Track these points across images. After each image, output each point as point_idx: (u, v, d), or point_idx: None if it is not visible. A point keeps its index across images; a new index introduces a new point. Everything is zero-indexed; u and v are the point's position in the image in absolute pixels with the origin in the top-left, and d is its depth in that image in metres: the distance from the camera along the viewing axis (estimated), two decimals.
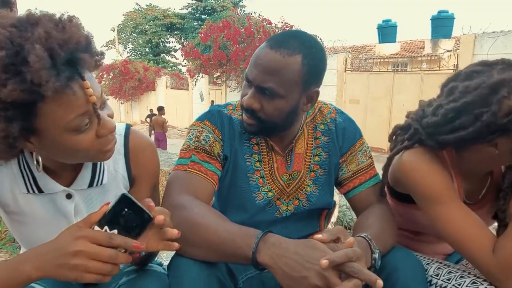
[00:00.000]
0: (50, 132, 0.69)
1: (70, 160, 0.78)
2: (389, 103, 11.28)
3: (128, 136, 0.92)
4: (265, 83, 0.92)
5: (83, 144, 0.72)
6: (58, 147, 0.72)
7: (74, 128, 0.69)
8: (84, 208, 0.88)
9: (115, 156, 0.90)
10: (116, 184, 0.92)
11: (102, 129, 0.74)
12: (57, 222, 0.86)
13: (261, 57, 0.93)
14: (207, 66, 15.88)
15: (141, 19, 28.58)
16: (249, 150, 1.06)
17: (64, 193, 0.86)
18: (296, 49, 0.91)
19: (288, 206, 1.09)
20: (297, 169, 1.08)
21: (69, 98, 0.66)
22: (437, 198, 0.91)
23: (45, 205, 0.86)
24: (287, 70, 0.91)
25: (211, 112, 1.08)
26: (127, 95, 21.62)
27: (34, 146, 0.72)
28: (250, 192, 1.06)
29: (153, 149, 0.96)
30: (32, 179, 0.83)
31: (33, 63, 0.60)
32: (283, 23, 15.00)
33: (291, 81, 0.92)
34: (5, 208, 0.86)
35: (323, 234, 0.76)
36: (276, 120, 0.97)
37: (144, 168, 0.93)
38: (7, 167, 0.82)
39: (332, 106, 1.17)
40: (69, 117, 0.68)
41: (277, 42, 0.93)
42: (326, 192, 1.12)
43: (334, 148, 1.10)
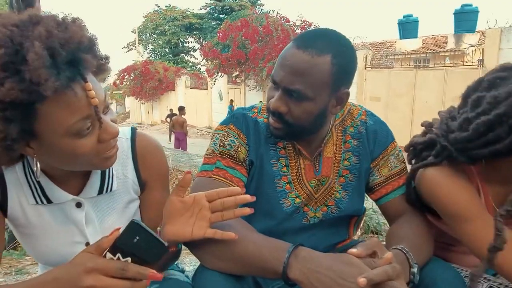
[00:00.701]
0: (50, 136, 0.66)
1: (70, 166, 0.74)
2: (411, 100, 11.02)
3: (135, 139, 0.89)
4: (292, 85, 0.88)
5: (83, 149, 0.69)
6: (58, 152, 0.69)
7: (75, 132, 0.66)
8: (95, 216, 0.86)
9: (123, 160, 0.88)
10: (126, 189, 0.89)
11: (104, 133, 0.71)
12: (68, 233, 0.84)
13: (287, 58, 0.89)
14: (226, 66, 15.91)
15: (161, 20, 28.91)
16: (275, 154, 1.02)
17: (74, 202, 0.83)
18: (325, 48, 0.87)
19: (316, 213, 1.05)
20: (325, 174, 1.04)
21: (70, 100, 0.63)
22: (463, 215, 0.87)
23: (55, 216, 0.83)
24: (316, 71, 0.87)
25: (235, 115, 1.05)
26: (147, 96, 21.91)
27: (34, 151, 0.69)
28: (277, 198, 1.02)
29: (161, 150, 0.93)
30: (40, 190, 0.80)
31: (31, 61, 0.58)
32: (302, 20, 14.88)
33: (320, 82, 0.88)
34: (15, 221, 0.83)
35: (358, 248, 0.71)
36: (304, 123, 0.93)
37: (154, 171, 0.91)
38: (14, 179, 0.79)
39: (362, 107, 1.11)
40: (70, 120, 0.65)
41: (304, 41, 0.89)
42: (356, 198, 1.07)
43: (365, 152, 1.05)
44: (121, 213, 0.89)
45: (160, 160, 0.92)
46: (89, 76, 0.67)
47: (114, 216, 0.88)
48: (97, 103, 0.67)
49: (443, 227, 1.00)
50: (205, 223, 0.75)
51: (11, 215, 0.82)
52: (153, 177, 0.91)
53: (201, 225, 0.75)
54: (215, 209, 0.76)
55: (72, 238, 0.84)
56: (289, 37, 13.97)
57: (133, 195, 0.90)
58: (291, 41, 0.92)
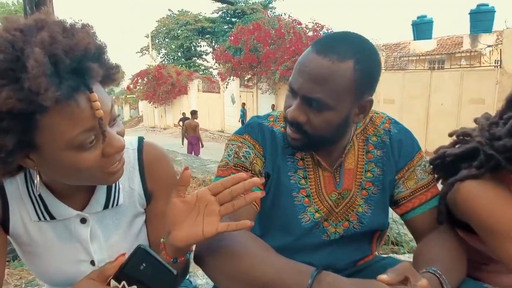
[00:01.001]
0: (51, 148, 0.61)
1: (72, 181, 0.70)
2: (426, 103, 10.84)
3: (142, 150, 0.85)
4: (312, 93, 0.82)
5: (86, 163, 0.64)
6: (59, 165, 0.64)
7: (77, 145, 0.62)
8: (100, 232, 0.81)
9: (130, 172, 0.84)
10: (132, 203, 0.85)
11: (109, 147, 0.66)
12: (73, 250, 0.80)
13: (306, 64, 0.83)
14: (238, 69, 15.94)
15: (174, 25, 29.17)
16: (293, 166, 0.96)
17: (78, 217, 0.79)
18: (347, 53, 0.81)
19: (337, 228, 0.98)
20: (347, 187, 0.97)
21: (73, 111, 0.59)
22: (506, 232, 0.80)
23: (58, 233, 0.79)
24: (337, 77, 0.80)
25: (251, 125, 0.99)
26: (160, 99, 22.11)
27: (34, 164, 0.65)
28: (295, 213, 0.95)
29: (168, 160, 0.89)
30: (43, 205, 0.76)
31: (31, 68, 0.53)
32: (314, 23, 14.83)
33: (342, 90, 0.82)
34: (17, 239, 0.79)
35: (388, 274, 0.65)
36: (324, 134, 0.87)
37: (160, 181, 0.86)
38: (16, 194, 0.76)
39: (385, 115, 1.04)
40: (72, 132, 0.60)
41: (324, 46, 0.82)
42: (380, 212, 0.99)
43: (389, 163, 0.98)
44: (127, 229, 0.85)
45: (166, 169, 0.88)
46: (95, 86, 0.63)
47: (120, 232, 0.84)
48: (101, 115, 0.62)
49: (477, 244, 0.92)
50: (215, 218, 0.68)
51: (13, 232, 0.78)
52: (159, 186, 0.86)
53: (210, 221, 0.68)
54: (223, 201, 0.69)
55: (77, 256, 0.80)
56: (301, 39, 13.95)
57: (139, 208, 0.86)
58: (309, 46, 0.86)
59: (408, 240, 2.09)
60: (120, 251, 0.83)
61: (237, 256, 0.72)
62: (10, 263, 2.07)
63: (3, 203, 0.75)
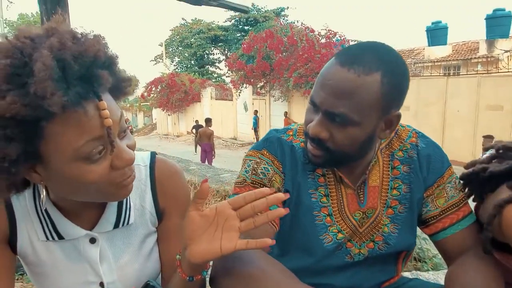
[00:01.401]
0: (57, 159, 0.59)
1: (81, 196, 0.67)
2: (442, 109, 10.67)
3: (154, 166, 0.82)
4: (335, 108, 0.78)
5: (93, 176, 0.61)
6: (66, 178, 0.61)
7: (84, 156, 0.59)
8: (110, 252, 0.79)
9: (142, 190, 0.81)
10: (144, 222, 0.82)
11: (117, 160, 0.63)
12: (81, 271, 0.77)
13: (329, 77, 0.78)
14: (251, 77, 15.98)
15: (187, 33, 29.47)
16: (313, 183, 0.92)
17: (87, 237, 0.76)
18: (374, 65, 0.76)
19: (361, 249, 0.93)
20: (372, 205, 0.92)
21: (80, 119, 0.56)
22: None
23: (67, 253, 0.76)
24: (363, 91, 0.76)
25: (269, 139, 0.94)
26: (174, 107, 22.30)
27: (41, 178, 0.63)
28: (316, 233, 0.91)
29: (181, 176, 0.86)
30: (51, 224, 0.73)
31: (37, 72, 0.52)
32: (327, 30, 14.80)
33: (368, 104, 0.77)
34: (25, 259, 0.77)
35: None
36: (347, 150, 0.83)
37: (172, 198, 0.83)
38: (24, 213, 0.74)
39: (412, 128, 0.98)
40: (79, 141, 0.58)
41: (349, 57, 0.78)
42: (407, 232, 0.94)
43: (417, 180, 0.92)
44: (138, 249, 0.82)
45: (179, 185, 0.85)
46: (104, 95, 0.60)
47: (130, 252, 0.81)
48: (110, 124, 0.59)
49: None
50: (234, 234, 0.64)
51: (21, 251, 0.76)
52: (171, 204, 0.84)
53: (229, 236, 0.64)
54: (244, 216, 0.65)
55: (85, 277, 0.78)
56: (314, 47, 13.93)
57: (151, 227, 0.83)
58: (332, 57, 0.82)
59: (431, 256, 2.02)
60: (130, 273, 0.81)
61: (254, 280, 0.68)
62: (23, 276, 2.06)
63: (10, 221, 0.74)
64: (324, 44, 14.26)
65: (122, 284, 0.80)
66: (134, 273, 0.81)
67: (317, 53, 13.74)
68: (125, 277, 0.80)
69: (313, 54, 13.73)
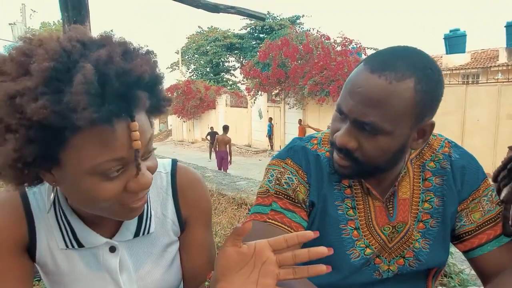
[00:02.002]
0: (73, 169, 0.58)
1: (88, 208, 0.66)
2: (461, 118, 10.46)
3: (175, 174, 0.81)
4: (365, 117, 0.73)
5: (105, 194, 0.60)
6: (78, 189, 0.60)
7: (100, 172, 0.58)
8: (130, 262, 0.77)
9: (163, 198, 0.80)
10: (166, 231, 0.80)
11: (134, 183, 0.61)
12: (101, 281, 0.76)
13: (359, 84, 0.74)
14: (266, 84, 16.02)
15: (203, 41, 29.79)
16: (340, 194, 0.87)
17: (107, 246, 0.75)
18: (406, 71, 0.72)
19: (391, 266, 0.88)
20: (402, 219, 0.87)
21: (107, 137, 0.55)
22: None
23: (86, 262, 0.75)
24: (395, 99, 0.72)
25: (293, 148, 0.90)
26: (189, 114, 22.50)
27: (54, 179, 0.61)
28: (343, 247, 0.86)
29: (203, 184, 0.84)
30: (71, 232, 0.72)
31: (76, 83, 0.50)
32: (343, 37, 14.75)
33: (400, 113, 0.73)
34: (43, 268, 0.76)
35: None
36: (377, 161, 0.78)
37: (195, 207, 0.82)
38: (44, 221, 0.73)
39: (444, 138, 0.93)
40: (100, 159, 0.56)
41: (380, 63, 0.73)
42: (439, 248, 0.89)
43: (450, 193, 0.87)
44: (159, 259, 0.80)
45: (202, 195, 0.83)
46: (138, 115, 0.58)
47: (151, 262, 0.79)
48: (139, 146, 0.57)
49: None
50: (271, 281, 0.59)
51: (40, 260, 0.74)
52: (195, 214, 0.82)
53: (266, 283, 0.59)
54: (284, 263, 0.60)
55: (105, 287, 0.76)
56: (330, 54, 13.89)
57: (173, 237, 0.82)
58: (361, 63, 0.78)
59: (458, 271, 1.94)
60: (151, 283, 0.79)
61: None
62: (40, 283, 2.06)
63: (30, 229, 0.72)
64: (340, 51, 14.20)
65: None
66: (154, 283, 0.79)
67: (332, 60, 13.69)
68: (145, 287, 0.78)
69: (329, 62, 13.68)
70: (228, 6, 4.97)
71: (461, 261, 2.06)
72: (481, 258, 0.86)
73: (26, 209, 0.72)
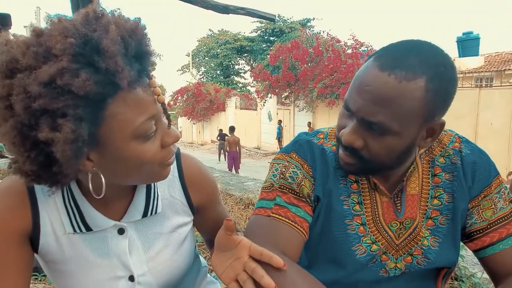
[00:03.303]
0: (115, 140, 0.60)
1: (131, 178, 0.67)
2: (474, 122, 10.30)
3: (180, 158, 0.83)
4: (373, 116, 0.70)
5: (148, 155, 0.63)
6: (123, 159, 0.62)
7: (142, 134, 0.61)
8: (139, 243, 0.76)
9: (170, 180, 0.80)
10: (175, 211, 0.81)
11: (167, 136, 0.66)
12: (109, 266, 0.74)
13: (368, 82, 0.71)
14: (276, 87, 16.03)
15: (213, 44, 29.99)
16: (346, 189, 0.85)
17: (116, 228, 0.74)
18: (418, 69, 0.68)
19: (398, 263, 0.85)
20: (410, 215, 0.84)
21: (138, 96, 0.58)
22: None
23: (94, 247, 0.73)
24: (405, 99, 0.68)
25: (298, 142, 0.88)
26: (199, 116, 22.63)
27: (93, 165, 0.62)
28: (348, 243, 0.84)
29: (206, 170, 0.88)
30: (79, 215, 0.71)
31: (107, 47, 0.52)
32: (353, 39, 14.69)
33: (409, 113, 0.70)
34: (47, 256, 0.73)
35: None
36: (383, 160, 0.76)
37: (205, 194, 0.85)
38: (50, 205, 0.71)
39: (454, 133, 0.90)
40: (138, 120, 0.59)
41: (390, 60, 0.69)
42: (449, 246, 0.85)
43: (461, 189, 0.84)
44: (169, 238, 0.80)
45: (208, 182, 0.87)
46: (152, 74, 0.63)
47: (161, 242, 0.79)
48: (163, 100, 0.62)
49: None
50: (233, 275, 0.67)
51: (43, 249, 0.72)
52: (206, 199, 0.86)
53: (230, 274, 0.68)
54: (246, 269, 0.67)
55: (114, 273, 0.74)
56: (340, 57, 13.83)
57: (184, 217, 0.82)
58: (370, 58, 0.75)
59: (469, 275, 1.88)
60: (161, 264, 0.79)
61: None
62: (47, 278, 2.06)
63: (34, 215, 0.71)
64: (350, 54, 14.14)
65: (153, 276, 0.77)
66: (164, 264, 0.79)
67: (343, 63, 13.64)
68: (156, 269, 0.78)
69: (339, 65, 13.62)
70: (237, 7, 4.96)
71: (473, 264, 2.01)
72: (493, 258, 0.82)
73: (30, 194, 0.70)
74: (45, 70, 0.52)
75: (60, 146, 0.54)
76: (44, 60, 0.53)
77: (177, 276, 0.82)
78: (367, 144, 0.74)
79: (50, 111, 0.53)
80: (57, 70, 0.51)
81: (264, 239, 0.76)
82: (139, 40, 0.58)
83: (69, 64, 0.52)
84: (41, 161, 0.57)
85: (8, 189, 0.70)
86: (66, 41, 0.52)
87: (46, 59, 0.53)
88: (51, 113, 0.53)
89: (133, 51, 0.56)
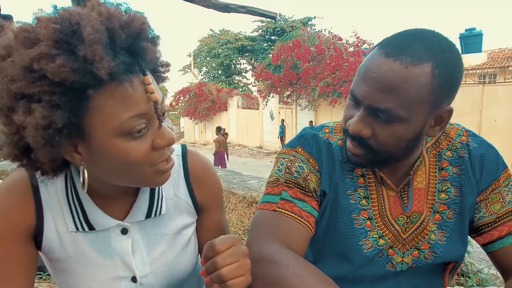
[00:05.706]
0: (100, 134, 0.58)
1: (121, 178, 0.64)
2: (477, 119, 10.25)
3: (186, 156, 0.81)
4: (380, 103, 0.70)
5: (135, 155, 0.60)
6: (108, 156, 0.60)
7: (127, 131, 0.58)
8: (142, 243, 0.75)
9: (175, 179, 0.79)
10: (179, 211, 0.79)
11: (159, 138, 0.62)
12: (111, 266, 0.73)
13: (373, 69, 0.70)
14: (278, 86, 16.00)
15: (215, 44, 29.99)
16: (352, 184, 0.84)
17: (119, 228, 0.73)
18: (423, 55, 0.68)
19: (404, 258, 0.85)
20: (417, 209, 0.83)
21: (126, 91, 0.56)
22: None
23: (96, 246, 0.73)
24: (411, 85, 0.68)
25: (304, 136, 0.88)
26: (201, 116, 22.65)
27: (82, 158, 0.61)
28: (355, 238, 0.83)
29: (213, 169, 0.86)
30: (82, 214, 0.70)
31: (87, 34, 0.51)
32: (356, 37, 14.64)
33: (417, 99, 0.69)
34: (49, 254, 0.73)
35: None
36: (392, 149, 0.75)
37: (210, 193, 0.83)
38: (54, 201, 0.70)
39: (461, 126, 0.90)
40: (124, 115, 0.57)
41: (395, 47, 0.69)
42: (457, 241, 0.85)
43: (469, 183, 0.83)
44: (173, 240, 0.78)
45: (214, 181, 0.84)
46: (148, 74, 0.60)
47: (165, 243, 0.77)
48: (156, 98, 0.58)
49: None
50: None
51: (46, 246, 0.72)
52: (210, 199, 0.83)
53: None
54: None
55: (116, 273, 0.74)
56: (342, 55, 13.80)
57: (188, 218, 0.81)
58: (375, 47, 0.74)
59: (476, 270, 1.86)
60: (164, 265, 0.77)
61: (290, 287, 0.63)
62: (51, 278, 2.06)
63: (37, 212, 0.70)
64: (352, 52, 14.10)
65: (155, 278, 0.76)
66: (168, 265, 0.78)
67: (345, 61, 13.60)
68: (158, 270, 0.77)
69: (341, 63, 13.59)
70: (238, 5, 4.95)
71: (479, 260, 1.99)
72: (502, 252, 0.82)
73: (34, 192, 0.70)
74: (27, 53, 0.52)
75: (30, 130, 0.54)
76: (31, 45, 0.53)
77: (180, 278, 0.80)
78: (374, 132, 0.74)
79: (27, 95, 0.53)
80: (36, 55, 0.52)
81: (270, 235, 0.76)
82: (133, 34, 0.56)
83: (49, 50, 0.51)
84: (22, 146, 0.58)
85: (12, 186, 0.70)
86: (51, 27, 0.52)
87: (33, 44, 0.53)
88: (29, 98, 0.53)
89: (123, 43, 0.54)
